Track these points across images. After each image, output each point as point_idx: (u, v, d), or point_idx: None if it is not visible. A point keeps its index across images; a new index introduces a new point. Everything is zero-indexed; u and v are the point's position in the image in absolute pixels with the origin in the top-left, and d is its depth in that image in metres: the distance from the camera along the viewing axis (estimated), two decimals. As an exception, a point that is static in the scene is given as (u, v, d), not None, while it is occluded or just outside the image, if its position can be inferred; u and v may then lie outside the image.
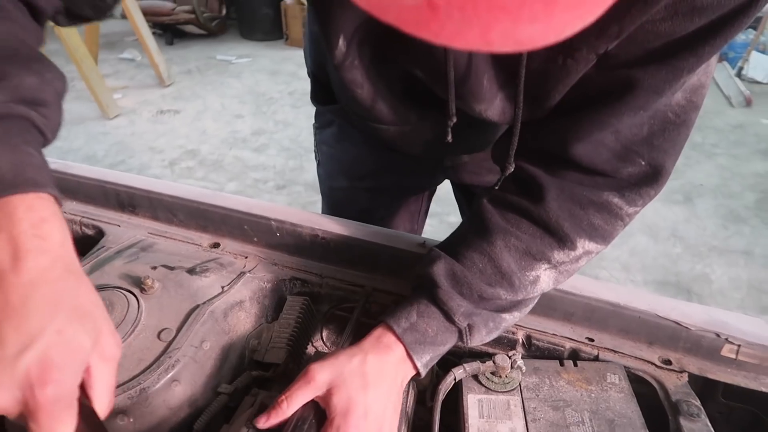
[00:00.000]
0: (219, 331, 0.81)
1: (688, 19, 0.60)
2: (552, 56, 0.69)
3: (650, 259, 2.83)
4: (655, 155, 0.72)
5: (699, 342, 0.83)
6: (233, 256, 0.98)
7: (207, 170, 3.90)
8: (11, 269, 0.48)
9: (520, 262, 0.75)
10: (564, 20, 0.34)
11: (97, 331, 0.53)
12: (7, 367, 0.46)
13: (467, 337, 0.76)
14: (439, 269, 0.75)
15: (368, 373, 0.68)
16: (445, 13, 0.32)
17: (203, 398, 0.76)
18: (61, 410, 0.48)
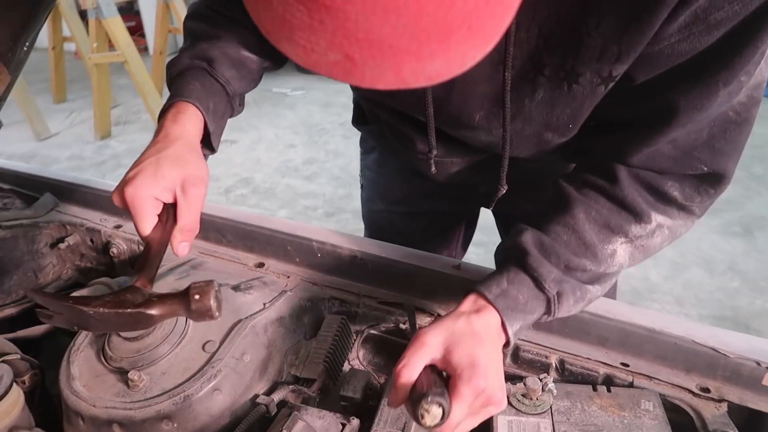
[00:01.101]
0: (259, 344, 0.85)
1: (705, 35, 0.61)
2: (557, 83, 0.73)
3: (706, 292, 2.72)
4: (717, 159, 0.73)
5: (738, 370, 0.81)
6: (276, 276, 1.03)
7: (260, 198, 4.04)
8: (161, 138, 0.81)
9: (599, 235, 0.76)
10: (461, 53, 0.41)
11: (187, 170, 0.78)
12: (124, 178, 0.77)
13: (555, 306, 0.76)
14: (528, 238, 0.76)
15: (478, 331, 0.69)
16: (362, 62, 0.40)
17: (242, 408, 0.80)
18: (138, 204, 0.74)
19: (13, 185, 1.36)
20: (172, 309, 0.70)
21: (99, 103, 5.15)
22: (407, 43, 0.38)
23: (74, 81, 6.61)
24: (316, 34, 0.39)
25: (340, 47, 0.39)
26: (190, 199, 0.77)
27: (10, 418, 0.78)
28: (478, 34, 0.40)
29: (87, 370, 0.82)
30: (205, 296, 0.68)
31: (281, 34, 0.42)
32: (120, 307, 0.69)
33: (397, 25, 0.37)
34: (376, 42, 0.38)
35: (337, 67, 0.41)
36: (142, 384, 0.77)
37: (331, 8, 0.37)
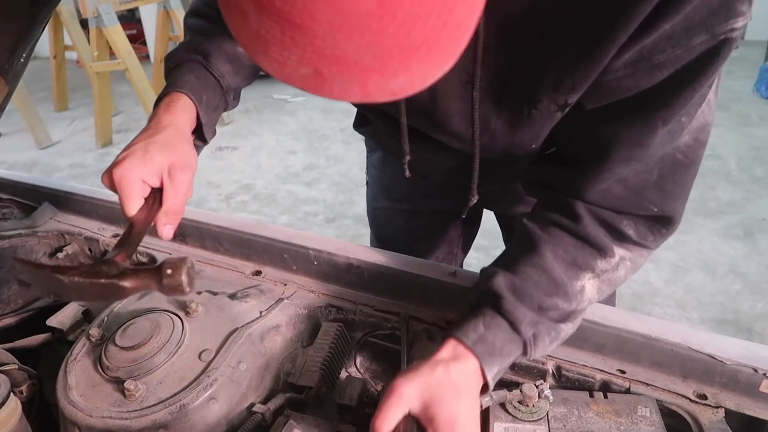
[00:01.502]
0: (255, 353, 0.85)
1: (649, 74, 0.65)
2: (518, 107, 0.77)
3: (707, 296, 2.72)
4: (667, 201, 0.76)
5: (735, 377, 0.81)
6: (273, 283, 1.03)
7: (261, 204, 4.05)
8: (153, 125, 0.84)
9: (567, 273, 0.78)
10: (422, 71, 0.44)
11: (174, 156, 0.80)
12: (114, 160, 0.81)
13: (531, 348, 0.77)
14: (500, 282, 0.77)
15: (456, 382, 0.70)
16: (330, 77, 0.43)
17: (238, 417, 0.80)
18: (125, 185, 0.77)
19: (12, 195, 1.37)
20: (144, 282, 0.70)
21: (100, 111, 5.18)
22: (371, 61, 0.41)
23: (76, 89, 6.64)
24: (288, 50, 0.42)
25: (310, 62, 0.42)
26: (176, 184, 0.79)
27: (7, 428, 0.78)
28: (437, 54, 0.43)
29: (84, 380, 0.82)
30: (177, 271, 0.68)
31: (257, 48, 0.44)
32: (95, 277, 0.70)
33: (361, 44, 0.40)
34: (342, 59, 0.41)
35: (308, 81, 0.44)
36: (138, 393, 0.77)
37: (301, 26, 0.40)
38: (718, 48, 0.62)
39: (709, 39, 0.61)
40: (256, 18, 0.41)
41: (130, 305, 0.94)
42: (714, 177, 3.82)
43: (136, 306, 0.94)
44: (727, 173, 3.88)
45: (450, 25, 0.42)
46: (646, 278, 2.86)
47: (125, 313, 0.92)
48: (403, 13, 0.39)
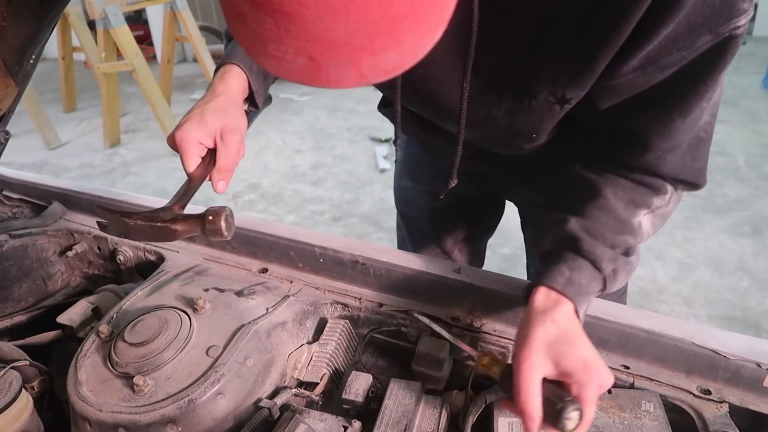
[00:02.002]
0: (262, 349, 0.86)
1: (659, 73, 0.69)
2: (518, 97, 0.81)
3: (715, 293, 2.71)
4: (697, 174, 0.84)
5: (739, 372, 0.81)
6: (279, 281, 1.04)
7: (267, 203, 4.06)
8: (209, 93, 0.92)
9: (627, 211, 0.82)
10: (411, 44, 0.45)
11: (226, 120, 0.88)
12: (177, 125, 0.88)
13: (611, 282, 0.81)
14: (574, 226, 0.82)
15: (567, 329, 0.74)
16: (325, 63, 0.45)
17: (245, 412, 0.81)
18: (185, 145, 0.86)
19: (22, 195, 1.38)
20: (191, 227, 0.82)
21: (108, 112, 5.21)
22: (360, 38, 0.43)
23: (84, 90, 6.68)
24: (284, 43, 0.44)
25: (305, 50, 0.44)
26: (227, 144, 0.88)
27: (19, 423, 0.80)
28: (424, 22, 0.44)
29: (94, 376, 0.83)
30: (217, 218, 0.80)
31: (258, 48, 0.47)
32: (153, 221, 0.83)
33: (349, 21, 0.42)
34: (333, 41, 0.43)
35: (305, 72, 0.46)
36: (147, 389, 0.78)
37: (291, 14, 0.42)
38: (723, 45, 0.65)
39: (713, 38, 0.64)
40: (253, 18, 0.44)
41: (138, 302, 0.96)
42: (722, 174, 3.80)
43: (144, 303, 0.95)
44: (735, 170, 3.86)
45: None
46: (653, 275, 2.85)
47: (134, 310, 0.94)
48: None
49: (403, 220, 1.49)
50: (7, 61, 1.01)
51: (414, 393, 0.83)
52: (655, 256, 2.99)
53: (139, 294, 0.98)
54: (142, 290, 0.98)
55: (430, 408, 0.82)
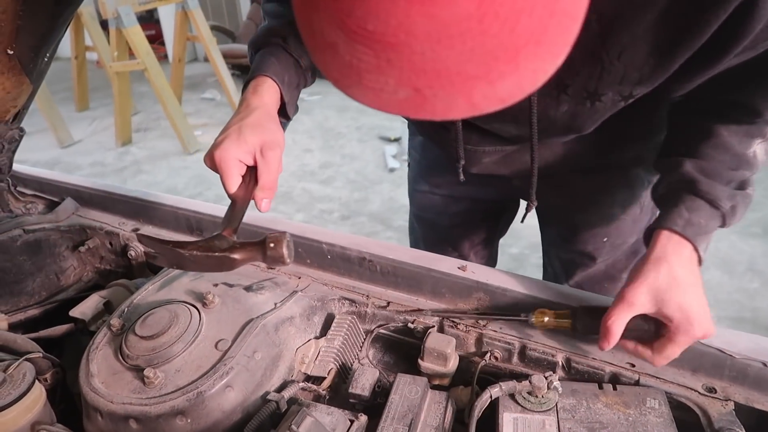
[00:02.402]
0: (270, 343, 0.87)
1: (754, 52, 0.72)
2: (580, 101, 0.81)
3: (724, 294, 2.69)
4: None
5: (745, 371, 0.81)
6: (288, 277, 1.06)
7: (276, 201, 4.08)
8: (243, 108, 0.91)
9: (742, 144, 0.83)
10: (531, 70, 0.41)
11: (265, 136, 0.86)
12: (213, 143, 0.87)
13: (729, 218, 0.82)
14: (690, 168, 0.83)
15: (679, 278, 0.77)
16: (432, 94, 0.41)
17: (253, 405, 0.82)
18: (225, 165, 0.84)
19: (36, 191, 1.41)
20: (251, 255, 0.81)
21: (120, 111, 5.26)
22: (475, 67, 0.40)
23: (96, 89, 6.75)
24: (384, 74, 0.41)
25: (409, 82, 0.41)
26: (268, 161, 0.86)
27: (32, 413, 0.82)
28: (547, 47, 0.41)
29: (105, 368, 0.85)
30: (279, 245, 0.79)
31: (350, 80, 0.44)
32: (209, 251, 0.81)
33: (463, 50, 0.39)
34: (444, 71, 0.40)
35: (407, 104, 0.43)
36: (157, 381, 0.80)
37: (396, 45, 0.39)
38: None
39: None
40: (347, 48, 0.41)
41: (149, 297, 0.97)
42: (733, 174, 3.77)
43: (155, 297, 0.97)
44: (746, 171, 3.83)
45: (557, 13, 0.40)
46: (662, 276, 2.84)
47: (144, 304, 0.95)
48: (506, 9, 0.37)
49: (418, 224, 1.48)
50: (22, 59, 1.03)
51: (420, 388, 0.83)
52: None
53: (150, 288, 0.99)
54: (153, 285, 1.00)
55: (435, 403, 0.83)
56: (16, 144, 1.25)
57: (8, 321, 1.07)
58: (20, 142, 1.27)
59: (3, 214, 1.34)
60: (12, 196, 1.36)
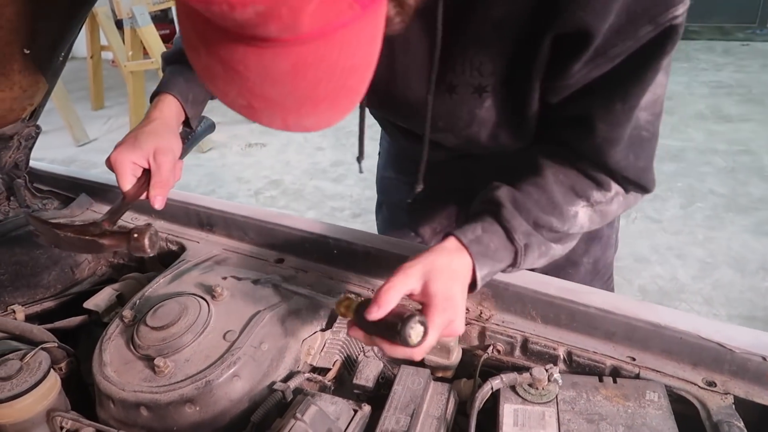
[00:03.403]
0: (277, 334, 0.90)
1: (609, 63, 0.75)
2: (440, 92, 0.88)
3: (736, 292, 2.68)
4: (641, 174, 0.86)
5: (745, 365, 0.82)
6: (294, 270, 1.08)
7: (288, 199, 4.12)
8: (144, 120, 1.01)
9: (565, 197, 0.86)
10: (326, 117, 0.58)
11: (158, 143, 0.96)
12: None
13: (521, 257, 0.84)
14: (503, 193, 0.86)
15: (454, 269, 0.80)
16: (259, 110, 0.56)
17: (260, 394, 0.84)
18: (119, 166, 0.93)
19: (51, 187, 1.44)
20: (117, 242, 0.89)
21: (135, 110, 5.32)
22: (290, 103, 0.55)
23: (111, 88, 6.82)
24: (229, 85, 0.54)
25: (245, 97, 0.55)
26: (160, 164, 0.95)
27: (48, 400, 0.84)
28: (337, 106, 0.57)
29: (117, 358, 0.88)
30: (142, 236, 0.86)
31: (207, 78, 0.55)
32: (82, 234, 0.90)
33: (282, 91, 0.53)
34: (268, 99, 0.54)
35: (244, 110, 0.57)
36: (167, 370, 0.82)
37: (237, 71, 0.52)
38: (664, 34, 0.70)
39: (654, 28, 0.69)
40: (205, 57, 0.53)
41: (160, 289, 1.00)
42: (746, 173, 3.74)
43: (165, 290, 0.99)
44: (759, 169, 3.80)
45: (346, 88, 0.56)
46: (673, 274, 2.83)
47: (155, 296, 0.98)
48: (311, 75, 0.52)
49: (384, 207, 1.56)
50: (38, 58, 1.06)
51: (423, 379, 0.85)
52: (676, 255, 2.97)
53: (161, 281, 1.02)
54: (164, 278, 1.03)
55: (438, 394, 0.85)
56: (32, 141, 1.29)
57: (25, 312, 1.10)
58: (36, 140, 1.30)
59: (20, 209, 1.38)
60: (29, 192, 1.40)
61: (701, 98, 5.11)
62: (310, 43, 0.50)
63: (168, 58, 1.10)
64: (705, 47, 6.58)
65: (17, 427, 0.82)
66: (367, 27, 0.53)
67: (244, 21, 0.45)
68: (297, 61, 0.50)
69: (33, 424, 0.83)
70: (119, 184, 0.94)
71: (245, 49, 0.50)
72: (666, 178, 3.61)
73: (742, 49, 6.53)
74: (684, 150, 4.12)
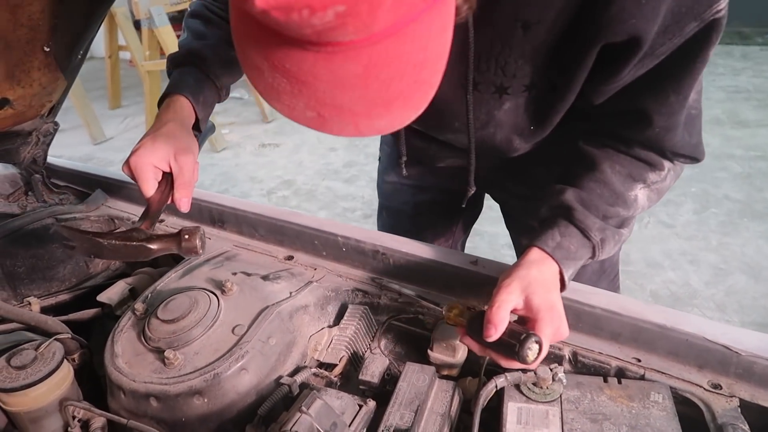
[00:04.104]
0: (284, 329, 0.91)
1: (655, 60, 0.77)
2: (519, 94, 0.89)
3: (749, 299, 2.65)
4: (694, 148, 0.90)
5: (751, 368, 0.81)
6: (304, 268, 1.09)
7: (300, 199, 4.14)
8: (157, 122, 0.99)
9: (624, 184, 0.89)
10: (399, 115, 0.58)
11: (177, 144, 0.95)
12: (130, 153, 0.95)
13: (599, 250, 0.88)
14: (570, 196, 0.89)
15: (548, 280, 0.84)
16: (329, 119, 0.55)
17: (267, 388, 0.86)
18: (140, 171, 0.92)
19: (68, 182, 1.47)
20: (167, 245, 0.88)
21: (151, 109, 5.38)
22: (361, 108, 0.54)
23: (129, 88, 6.91)
24: (296, 98, 0.54)
25: (314, 108, 0.54)
26: (181, 165, 0.94)
27: (61, 390, 0.86)
28: (412, 103, 0.57)
29: (129, 349, 0.89)
30: (193, 237, 0.86)
31: (271, 96, 0.56)
32: (128, 240, 0.88)
33: (353, 96, 0.53)
34: (338, 106, 0.54)
35: (312, 121, 0.56)
36: (177, 362, 0.84)
37: (305, 82, 0.52)
38: (709, 28, 0.73)
39: (699, 24, 0.72)
40: (269, 74, 0.53)
41: (172, 283, 1.02)
42: (762, 179, 3.70)
43: (177, 284, 1.01)
44: (777, 175, 3.75)
45: (420, 82, 0.55)
46: (685, 280, 2.81)
47: (167, 290, 1.00)
48: (384, 75, 0.52)
49: (385, 213, 1.55)
50: (58, 56, 1.09)
51: (428, 376, 0.86)
52: (689, 261, 2.94)
53: (173, 276, 1.04)
54: (175, 272, 1.04)
55: (442, 391, 0.85)
56: (50, 137, 1.31)
57: (40, 304, 1.13)
58: (54, 136, 1.33)
59: (37, 204, 1.41)
60: (46, 188, 1.43)
61: (718, 103, 5.05)
62: (382, 41, 0.49)
63: (175, 60, 1.08)
64: (723, 51, 6.50)
65: (31, 415, 0.84)
66: (438, 18, 0.53)
67: (323, 25, 0.45)
68: (369, 62, 0.50)
69: (46, 412, 0.85)
70: (142, 189, 0.93)
71: (315, 58, 0.50)
72: (680, 183, 3.53)
73: (761, 53, 6.45)
74: (699, 155, 4.06)
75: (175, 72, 1.06)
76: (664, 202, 3.37)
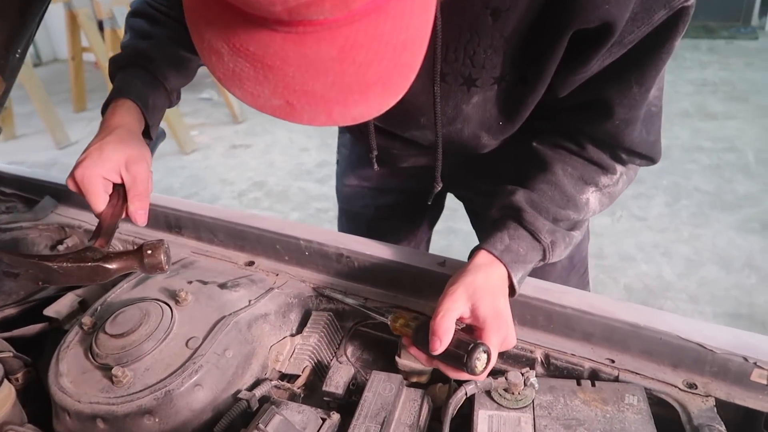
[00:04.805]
0: (242, 340, 0.86)
1: (623, 49, 0.75)
2: (488, 88, 0.85)
3: (721, 290, 2.67)
4: (651, 147, 0.89)
5: (726, 366, 0.79)
6: (265, 274, 1.04)
7: (273, 201, 4.07)
8: (103, 129, 0.91)
9: (575, 187, 0.88)
10: (377, 102, 0.52)
11: (128, 152, 0.87)
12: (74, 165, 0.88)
13: (550, 253, 0.86)
14: (520, 197, 0.87)
15: (495, 286, 0.81)
16: (300, 107, 0.50)
17: (224, 403, 0.81)
18: (88, 184, 0.85)
19: (16, 189, 1.39)
20: (127, 263, 0.80)
21: (117, 111, 5.24)
22: (335, 95, 0.49)
23: (94, 90, 6.73)
24: (261, 85, 0.49)
25: (282, 96, 0.49)
26: (134, 174, 0.87)
27: (1, 413, 0.80)
28: (391, 88, 0.52)
29: (75, 367, 0.83)
30: (156, 252, 0.79)
31: (232, 83, 0.50)
32: (81, 262, 0.79)
33: (326, 81, 0.48)
34: (310, 93, 0.49)
35: (280, 110, 0.51)
36: (125, 380, 0.78)
37: (272, 67, 0.47)
38: (677, 16, 0.71)
39: (667, 12, 0.70)
40: (230, 58, 0.48)
41: (123, 294, 0.96)
42: (731, 170, 3.75)
43: (128, 295, 0.95)
44: (744, 166, 3.81)
45: (400, 65, 0.50)
46: (658, 272, 2.82)
47: (118, 302, 0.94)
48: (361, 57, 0.47)
49: (345, 217, 1.50)
50: (-6, 56, 1.02)
51: (394, 385, 0.82)
52: (661, 253, 2.96)
53: (125, 286, 0.98)
54: (128, 282, 0.98)
55: (410, 401, 0.81)
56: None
57: (-17, 321, 1.06)
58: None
59: (-18, 213, 1.33)
60: (-8, 196, 1.35)
61: (686, 96, 5.12)
62: (360, 20, 0.45)
63: (119, 62, 1.00)
64: (690, 45, 6.61)
65: (-34, 442, 0.78)
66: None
67: (296, 0, 0.41)
68: (345, 43, 0.46)
69: (-16, 438, 0.78)
70: (91, 204, 0.85)
71: (283, 40, 0.46)
72: (651, 176, 3.60)
73: (726, 47, 6.57)
74: (669, 148, 4.12)
75: (119, 75, 0.98)
76: (636, 195, 3.39)
